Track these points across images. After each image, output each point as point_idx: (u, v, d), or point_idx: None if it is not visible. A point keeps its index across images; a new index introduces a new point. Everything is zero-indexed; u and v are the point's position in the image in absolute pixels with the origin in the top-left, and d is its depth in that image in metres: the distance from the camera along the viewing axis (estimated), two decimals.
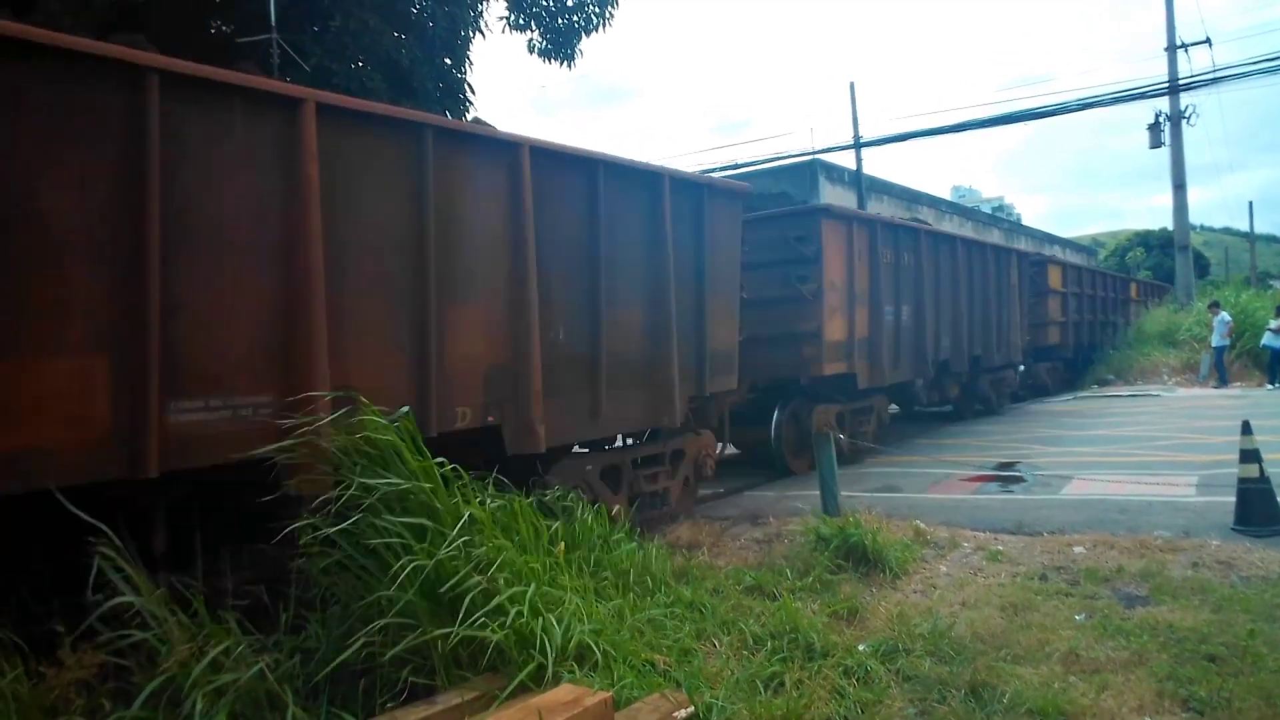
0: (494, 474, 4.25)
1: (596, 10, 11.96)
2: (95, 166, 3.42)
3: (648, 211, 6.22)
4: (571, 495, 5.01)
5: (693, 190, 6.68)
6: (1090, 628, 4.07)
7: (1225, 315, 17.88)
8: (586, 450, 6.35)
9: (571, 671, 3.34)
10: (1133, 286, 24.23)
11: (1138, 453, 9.21)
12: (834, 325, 9.08)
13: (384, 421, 3.77)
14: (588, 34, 12.10)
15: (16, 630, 2.95)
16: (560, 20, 11.99)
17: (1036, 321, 16.46)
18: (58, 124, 3.32)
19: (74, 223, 3.35)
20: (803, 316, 8.83)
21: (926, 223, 12.80)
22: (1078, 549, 5.41)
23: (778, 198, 13.92)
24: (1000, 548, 5.55)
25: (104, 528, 2.96)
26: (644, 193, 6.22)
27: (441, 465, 3.79)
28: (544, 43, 12.14)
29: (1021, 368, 15.99)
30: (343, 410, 3.82)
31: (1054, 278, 17.22)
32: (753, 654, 3.89)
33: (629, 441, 6.73)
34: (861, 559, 5.12)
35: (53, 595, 3.23)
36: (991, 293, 13.09)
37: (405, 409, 3.93)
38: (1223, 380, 17.35)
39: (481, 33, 11.37)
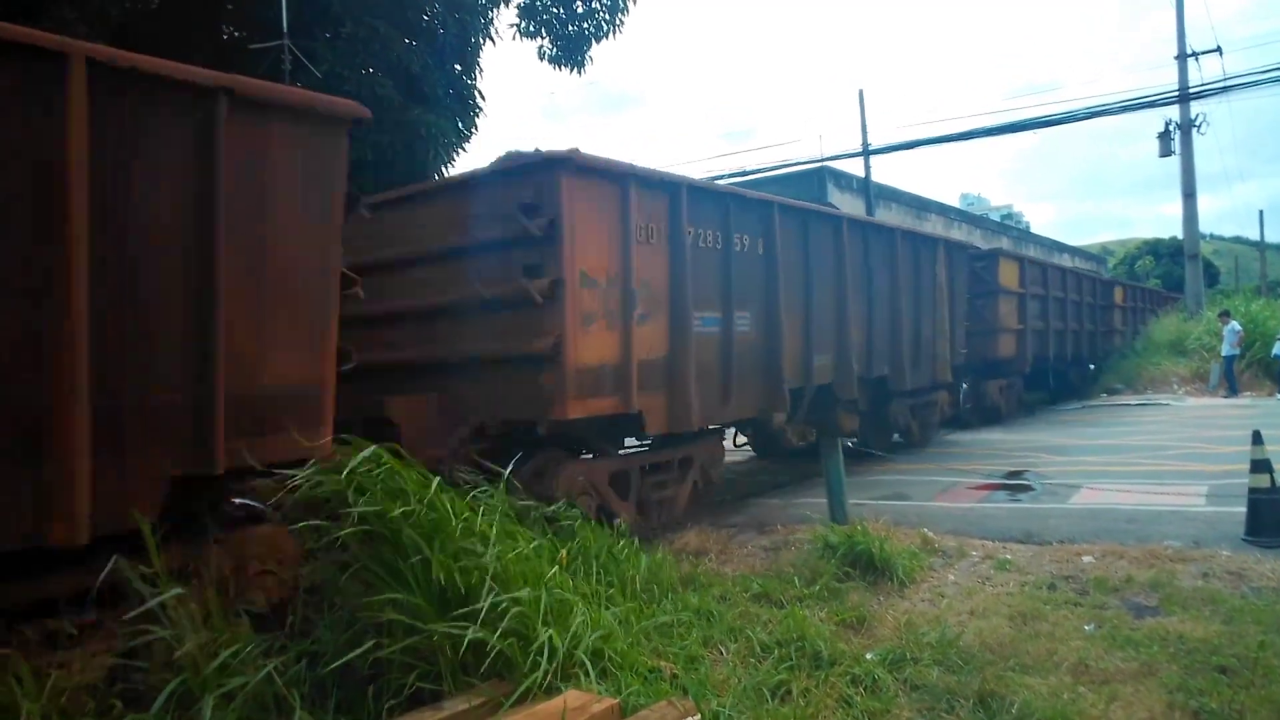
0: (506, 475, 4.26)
1: (606, 18, 12.02)
2: None
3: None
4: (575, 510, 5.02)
5: None
6: (1099, 638, 4.05)
7: (1235, 324, 17.81)
8: (590, 455, 6.35)
9: (578, 678, 3.34)
10: (1118, 291, 21.93)
11: (1146, 462, 9.17)
12: (590, 342, 5.74)
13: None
14: (597, 41, 12.17)
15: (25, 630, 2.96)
16: (570, 28, 12.05)
17: (983, 330, 13.60)
18: None
19: None
20: (533, 328, 5.61)
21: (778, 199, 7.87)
22: (1087, 558, 5.39)
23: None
24: (1008, 557, 5.53)
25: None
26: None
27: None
28: (554, 50, 12.21)
29: (965, 386, 13.84)
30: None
31: (1007, 275, 14.23)
32: (760, 662, 3.88)
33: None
34: (869, 567, 5.11)
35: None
36: (906, 294, 9.86)
37: None
38: (1233, 390, 17.27)
39: (492, 40, 11.46)
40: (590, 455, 6.39)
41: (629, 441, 6.77)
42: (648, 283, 6.19)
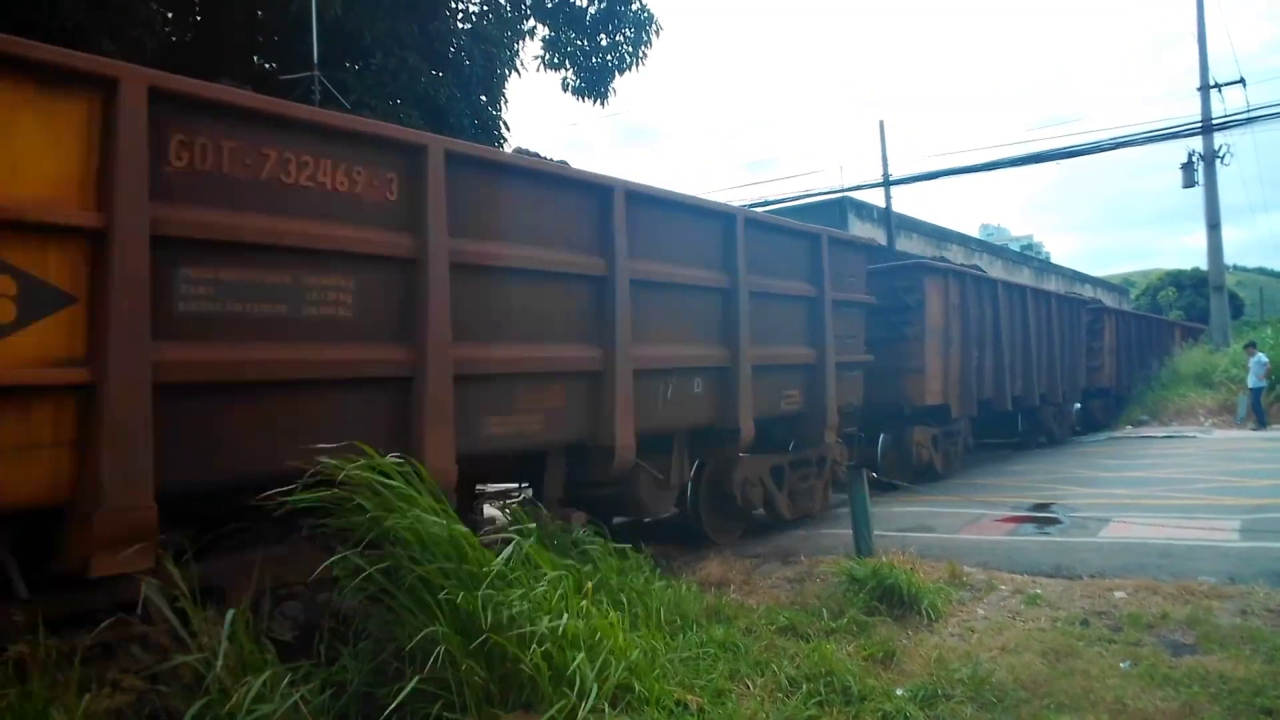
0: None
1: (630, 50, 12.17)
2: None
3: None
4: (598, 539, 5.03)
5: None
6: (1136, 676, 3.96)
7: (1262, 356, 17.56)
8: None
9: (604, 711, 3.29)
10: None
11: (1176, 495, 9.01)
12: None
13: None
14: (621, 73, 12.30)
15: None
16: (594, 59, 12.20)
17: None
18: None
19: None
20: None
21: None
22: (1119, 594, 5.28)
23: None
24: (1039, 591, 5.43)
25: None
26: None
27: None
28: (578, 81, 12.35)
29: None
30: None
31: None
32: (788, 697, 3.82)
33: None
34: (897, 601, 5.03)
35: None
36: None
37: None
38: (1261, 422, 16.99)
39: (517, 71, 11.61)
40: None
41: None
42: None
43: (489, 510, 5.91)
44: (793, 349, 7.62)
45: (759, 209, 20.86)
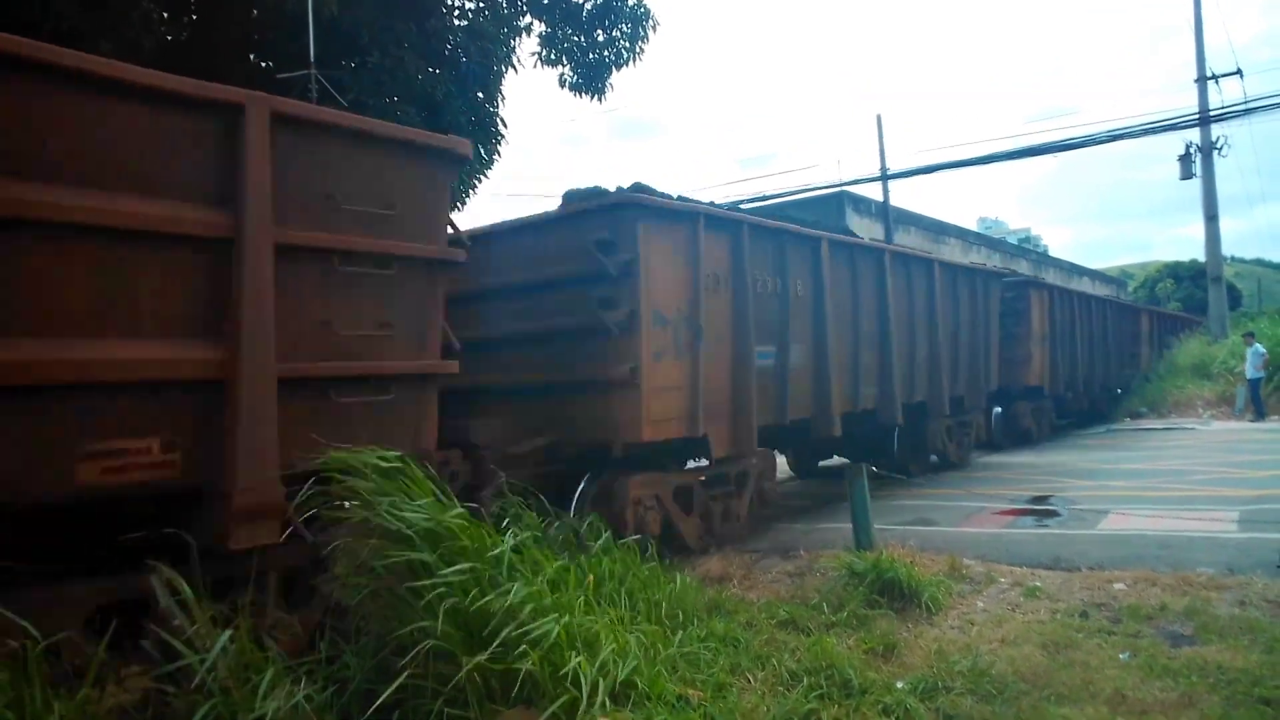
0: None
1: (627, 46, 12.15)
2: None
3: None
4: (601, 527, 5.04)
5: None
6: (1136, 667, 3.97)
7: (1260, 347, 17.57)
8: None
9: (604, 705, 3.31)
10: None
11: (1175, 487, 9.03)
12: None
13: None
14: (618, 68, 12.29)
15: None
16: (591, 55, 12.19)
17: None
18: None
19: None
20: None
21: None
22: (1118, 585, 5.30)
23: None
24: (1038, 584, 5.45)
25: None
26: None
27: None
28: (575, 77, 12.34)
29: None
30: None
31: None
32: (788, 690, 3.83)
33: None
34: (897, 594, 5.04)
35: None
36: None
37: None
38: (1260, 413, 17.01)
39: (514, 68, 11.59)
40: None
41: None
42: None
43: None
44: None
45: (757, 204, 20.87)
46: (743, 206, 20.32)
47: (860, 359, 8.86)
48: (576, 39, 12.21)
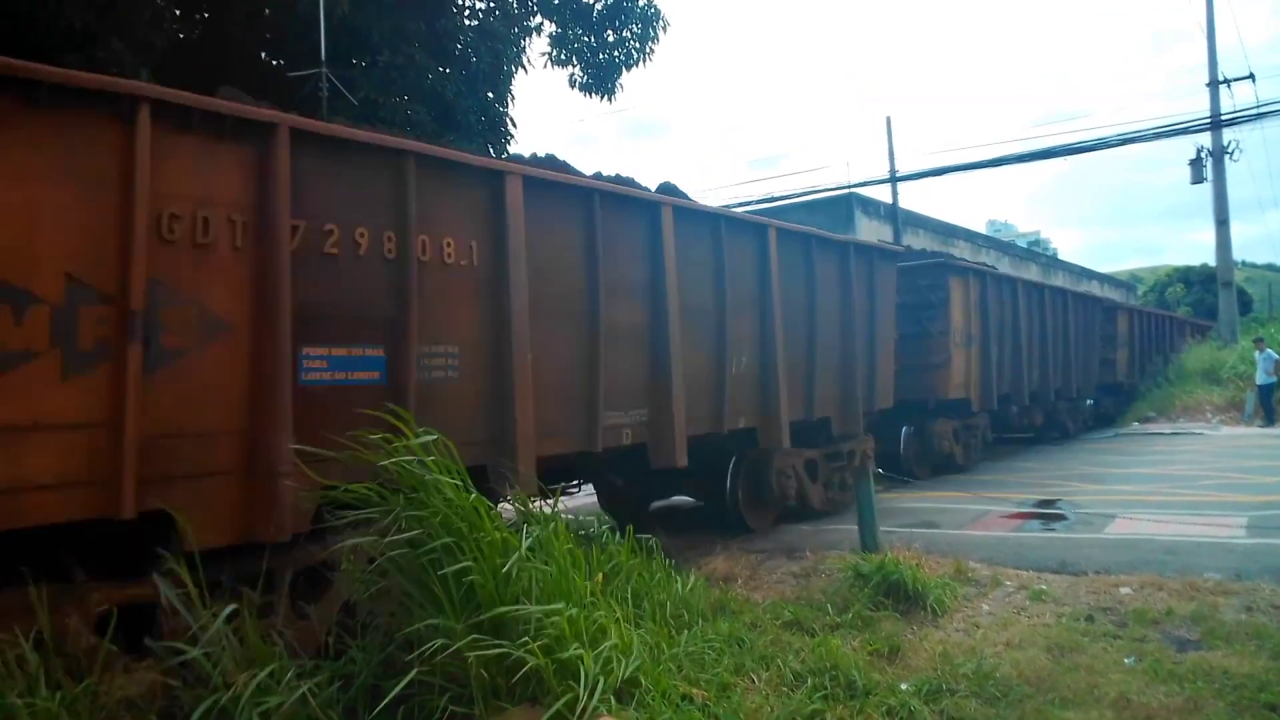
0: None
1: (637, 46, 12.17)
2: None
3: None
4: (606, 528, 5.06)
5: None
6: (1141, 672, 3.96)
7: (1271, 352, 17.47)
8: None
9: (611, 703, 3.32)
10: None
11: (1183, 492, 8.99)
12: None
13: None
14: (627, 69, 12.31)
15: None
16: (601, 56, 12.21)
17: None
18: None
19: None
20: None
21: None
22: (1124, 589, 5.28)
23: None
24: (1044, 587, 5.43)
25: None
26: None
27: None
28: (585, 77, 12.36)
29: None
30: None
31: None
32: (793, 691, 3.83)
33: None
34: (902, 596, 5.03)
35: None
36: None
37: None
38: (1269, 419, 16.92)
39: (524, 68, 11.63)
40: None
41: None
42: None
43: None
44: None
45: (765, 205, 20.86)
46: (751, 208, 20.26)
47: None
48: (587, 39, 12.23)
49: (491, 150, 11.07)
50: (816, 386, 7.92)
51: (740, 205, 20.70)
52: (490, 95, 11.16)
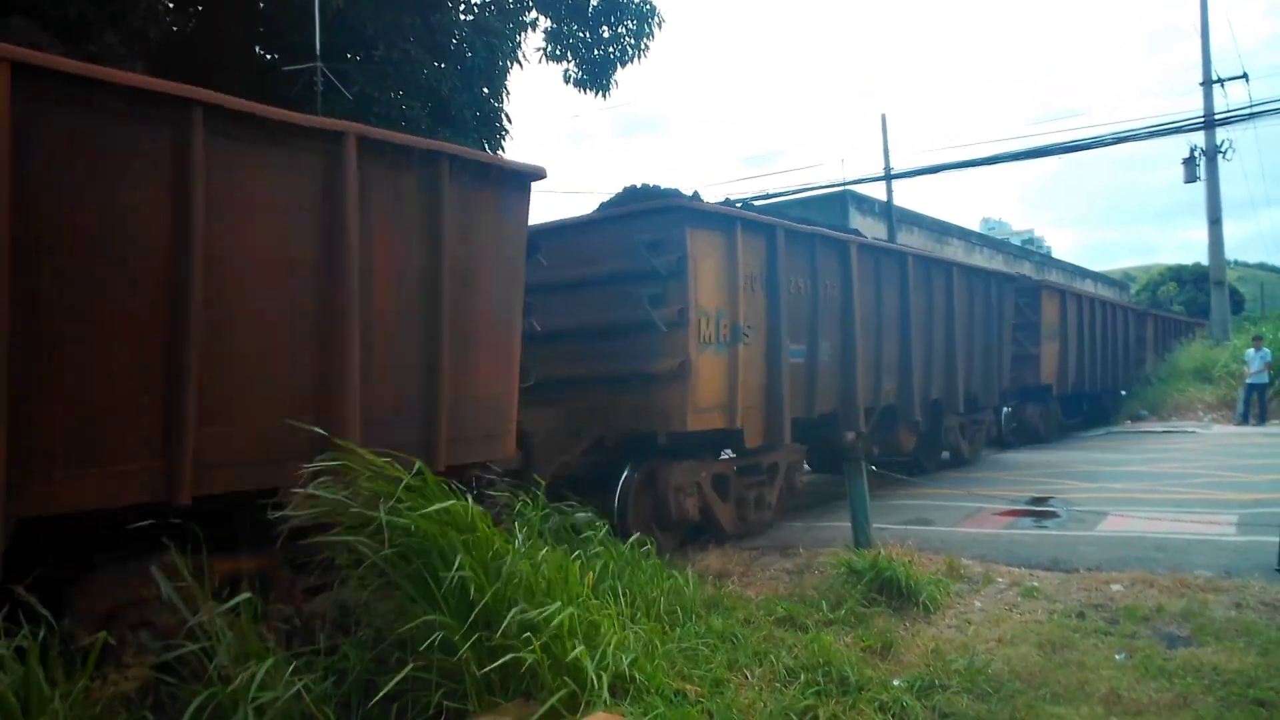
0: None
1: (632, 42, 12.15)
2: None
3: None
4: (598, 522, 5.06)
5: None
6: (1131, 668, 3.99)
7: (1267, 352, 17.51)
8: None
9: (603, 699, 3.33)
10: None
11: (1175, 490, 9.03)
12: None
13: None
14: (623, 65, 12.29)
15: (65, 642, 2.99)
16: (596, 52, 12.19)
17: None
18: None
19: None
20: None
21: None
22: (1115, 586, 5.31)
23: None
24: (1036, 584, 5.46)
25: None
26: None
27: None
28: (580, 73, 12.35)
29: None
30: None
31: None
32: (785, 687, 3.85)
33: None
34: (895, 593, 5.06)
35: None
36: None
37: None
38: (1262, 418, 16.98)
39: (519, 63, 11.60)
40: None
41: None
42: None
43: None
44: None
45: (760, 202, 20.87)
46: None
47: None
48: (582, 35, 12.21)
49: (486, 146, 11.06)
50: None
51: (735, 203, 20.68)
52: (485, 91, 11.14)
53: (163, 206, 3.58)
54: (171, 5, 10.24)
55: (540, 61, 12.41)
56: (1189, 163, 23.66)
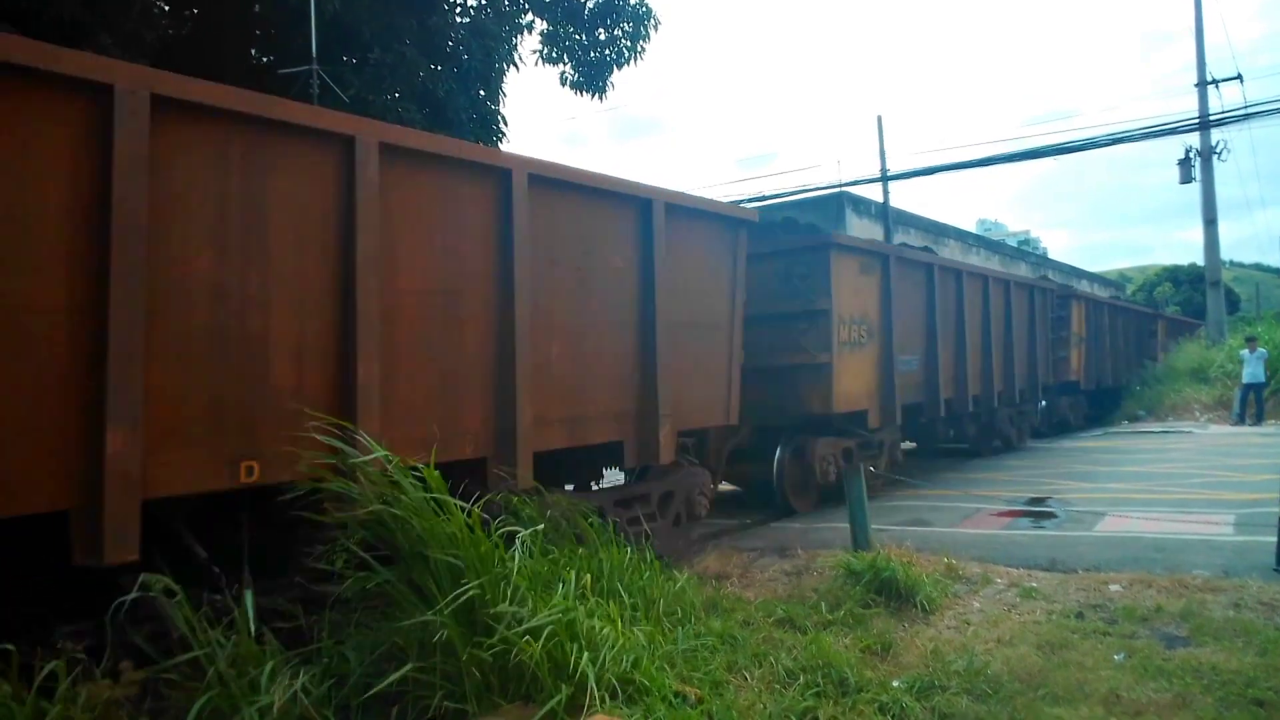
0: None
1: (628, 44, 12.14)
2: None
3: None
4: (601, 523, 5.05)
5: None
6: (1130, 668, 3.99)
7: (1263, 351, 17.55)
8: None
9: (604, 701, 3.32)
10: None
11: (1172, 490, 9.05)
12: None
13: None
14: (619, 67, 12.28)
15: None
16: (592, 54, 12.18)
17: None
18: None
19: None
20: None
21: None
22: (1114, 587, 5.32)
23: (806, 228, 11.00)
24: (1034, 584, 5.47)
25: None
26: None
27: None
28: (576, 76, 12.33)
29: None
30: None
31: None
32: (785, 688, 3.85)
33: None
34: (894, 594, 5.06)
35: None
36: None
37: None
38: (1259, 418, 17.01)
39: (515, 65, 11.57)
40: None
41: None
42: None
43: None
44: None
45: (756, 204, 20.87)
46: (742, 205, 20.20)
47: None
48: (578, 37, 12.20)
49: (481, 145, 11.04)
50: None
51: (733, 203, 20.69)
52: (482, 93, 11.12)
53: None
54: (166, 9, 10.22)
55: (536, 64, 12.40)
56: (1184, 164, 23.72)
